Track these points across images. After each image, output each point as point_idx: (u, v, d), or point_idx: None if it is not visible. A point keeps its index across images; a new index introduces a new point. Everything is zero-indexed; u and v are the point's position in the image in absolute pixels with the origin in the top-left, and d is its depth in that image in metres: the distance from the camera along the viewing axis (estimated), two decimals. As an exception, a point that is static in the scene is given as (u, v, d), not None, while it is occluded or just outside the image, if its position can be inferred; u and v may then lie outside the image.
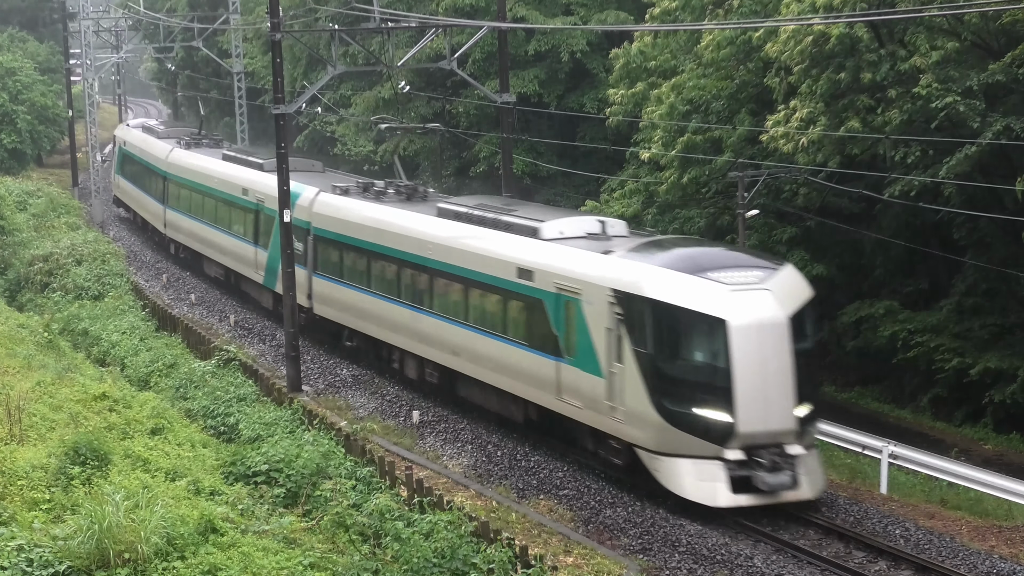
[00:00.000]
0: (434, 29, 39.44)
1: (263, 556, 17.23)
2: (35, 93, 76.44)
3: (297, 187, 36.15)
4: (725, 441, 22.76)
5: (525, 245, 27.28)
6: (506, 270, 27.24)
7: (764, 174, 32.46)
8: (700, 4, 35.92)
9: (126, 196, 61.96)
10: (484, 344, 28.25)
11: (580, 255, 25.72)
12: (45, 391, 25.65)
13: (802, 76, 31.09)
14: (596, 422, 24.95)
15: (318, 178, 40.06)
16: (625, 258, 24.95)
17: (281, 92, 33.02)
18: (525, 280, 26.60)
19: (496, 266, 27.61)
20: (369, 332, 33.84)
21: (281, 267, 33.66)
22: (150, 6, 77.53)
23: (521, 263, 26.86)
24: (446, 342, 29.81)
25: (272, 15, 32.92)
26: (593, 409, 24.80)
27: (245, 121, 62.81)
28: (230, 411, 29.13)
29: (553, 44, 47.45)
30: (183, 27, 68.15)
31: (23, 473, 19.02)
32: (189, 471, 21.54)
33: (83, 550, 15.57)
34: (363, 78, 56.87)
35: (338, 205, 35.61)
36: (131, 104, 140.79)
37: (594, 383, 24.56)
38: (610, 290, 24.00)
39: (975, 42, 30.07)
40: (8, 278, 45.93)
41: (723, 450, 22.78)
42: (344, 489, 22.54)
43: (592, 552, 22.49)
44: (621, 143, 42.73)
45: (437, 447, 29.07)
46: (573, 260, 25.70)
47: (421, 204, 33.55)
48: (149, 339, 36.79)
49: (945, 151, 28.96)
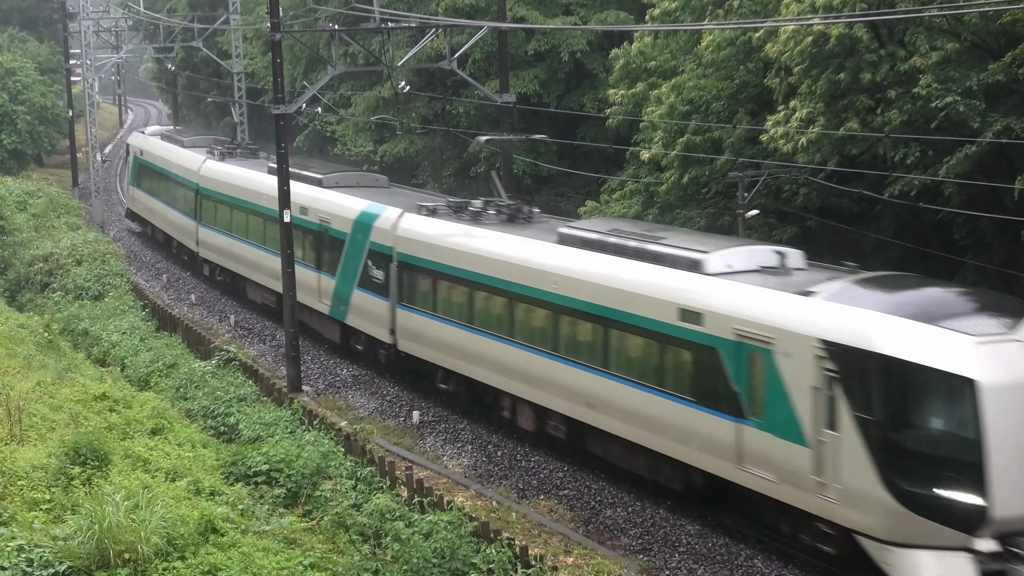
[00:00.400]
0: (434, 29, 39.44)
1: (263, 556, 17.25)
2: (35, 93, 76.49)
3: (373, 207, 34.23)
4: (975, 528, 18.69)
5: (687, 281, 23.28)
6: (663, 311, 23.25)
7: (764, 174, 32.44)
8: (700, 5, 35.91)
9: (145, 210, 57.05)
10: (631, 396, 24.17)
11: (768, 296, 21.76)
12: (45, 391, 25.66)
13: (802, 76, 31.08)
14: (797, 500, 20.86)
15: (392, 196, 36.35)
16: (836, 301, 20.75)
17: (281, 92, 33.02)
18: (690, 324, 22.63)
19: (648, 305, 23.61)
20: (471, 375, 29.52)
21: (282, 267, 33.50)
22: (150, 6, 77.57)
23: (685, 303, 22.85)
24: (577, 391, 25.69)
25: (272, 15, 32.93)
26: (792, 484, 20.75)
27: (245, 121, 62.81)
28: (230, 411, 29.14)
29: (553, 44, 47.45)
30: (183, 27, 68.16)
31: (23, 473, 19.03)
32: (189, 471, 21.55)
33: (83, 550, 15.58)
34: (363, 78, 56.85)
35: (429, 229, 31.48)
36: (131, 104, 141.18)
37: (794, 453, 20.56)
38: (818, 341, 20.09)
39: (975, 42, 30.05)
40: (8, 278, 45.94)
41: (973, 539, 18.72)
42: (344, 489, 22.58)
43: (592, 552, 22.50)
44: (621, 143, 42.72)
45: (437, 447, 29.07)
46: (759, 302, 21.73)
47: (531, 227, 29.63)
48: (149, 339, 36.80)
49: (945, 151, 28.94)
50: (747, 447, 21.59)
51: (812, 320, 20.57)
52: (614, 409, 24.68)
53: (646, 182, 38.76)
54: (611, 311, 24.59)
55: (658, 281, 23.79)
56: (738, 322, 21.65)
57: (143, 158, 56.72)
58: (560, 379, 26.16)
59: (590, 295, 25.22)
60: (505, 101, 36.45)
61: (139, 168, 57.27)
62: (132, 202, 59.37)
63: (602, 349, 24.98)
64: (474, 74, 45.83)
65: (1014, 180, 27.13)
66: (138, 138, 61.59)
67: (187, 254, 50.46)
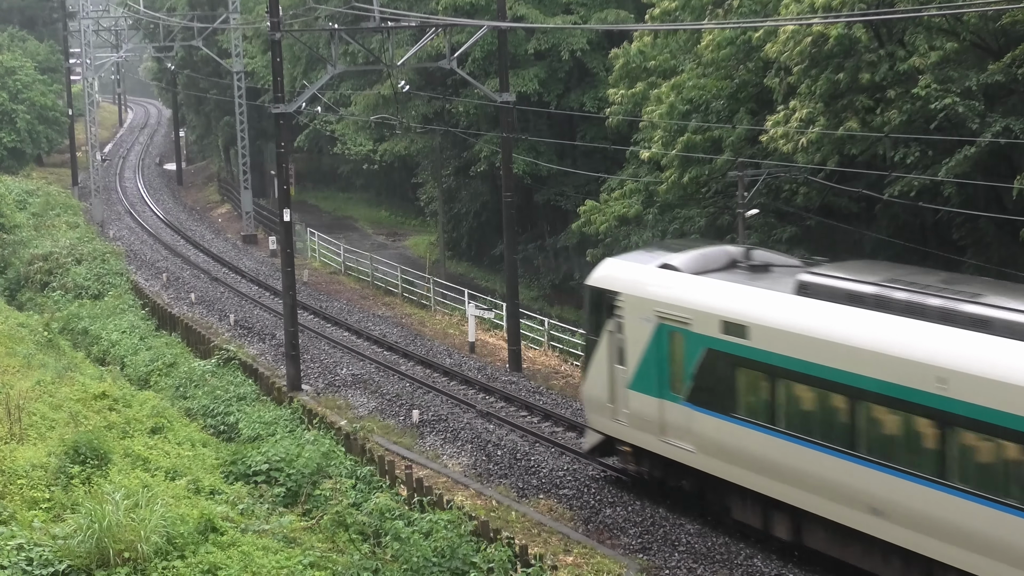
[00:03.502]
0: (434, 28, 39.44)
1: (263, 555, 17.25)
2: (35, 92, 76.54)
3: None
4: None
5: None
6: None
7: (764, 174, 32.44)
8: (700, 4, 35.91)
9: (710, 447, 24.03)
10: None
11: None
12: (45, 390, 25.67)
13: (801, 76, 31.09)
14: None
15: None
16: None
17: (281, 92, 33.03)
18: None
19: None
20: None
21: (282, 268, 33.46)
22: (150, 5, 77.50)
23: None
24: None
25: (272, 14, 32.95)
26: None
27: (245, 121, 62.79)
28: (230, 410, 29.17)
29: (553, 43, 47.44)
30: (183, 26, 68.15)
31: (23, 472, 19.03)
32: (189, 470, 21.57)
33: (83, 549, 15.58)
34: (363, 77, 56.84)
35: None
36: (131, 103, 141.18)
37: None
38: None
39: (974, 42, 30.06)
40: (8, 277, 45.96)
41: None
42: (344, 488, 22.58)
43: (592, 551, 22.50)
44: (621, 143, 42.71)
45: (437, 446, 29.07)
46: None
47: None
48: (149, 338, 36.84)
49: (945, 151, 28.96)
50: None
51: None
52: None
53: (646, 181, 38.75)
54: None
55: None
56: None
57: (694, 330, 23.31)
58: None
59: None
60: (505, 100, 36.45)
61: (692, 356, 23.44)
62: (636, 424, 24.91)
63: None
64: (474, 73, 45.83)
65: (1013, 180, 27.15)
66: (636, 275, 25.41)
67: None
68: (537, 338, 39.41)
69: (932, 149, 29.27)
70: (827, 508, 20.51)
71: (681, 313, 23.08)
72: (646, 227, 39.79)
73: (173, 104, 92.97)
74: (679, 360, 23.22)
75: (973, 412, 17.95)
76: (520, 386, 33.59)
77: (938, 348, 18.85)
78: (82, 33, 66.86)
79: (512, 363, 35.94)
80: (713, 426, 22.40)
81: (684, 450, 23.16)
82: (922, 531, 18.93)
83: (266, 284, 48.65)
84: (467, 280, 51.72)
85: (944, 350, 18.75)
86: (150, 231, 63.47)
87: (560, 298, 49.68)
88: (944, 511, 18.49)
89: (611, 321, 24.77)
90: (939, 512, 18.57)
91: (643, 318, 23.89)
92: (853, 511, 20.01)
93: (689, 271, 23.86)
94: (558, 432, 29.53)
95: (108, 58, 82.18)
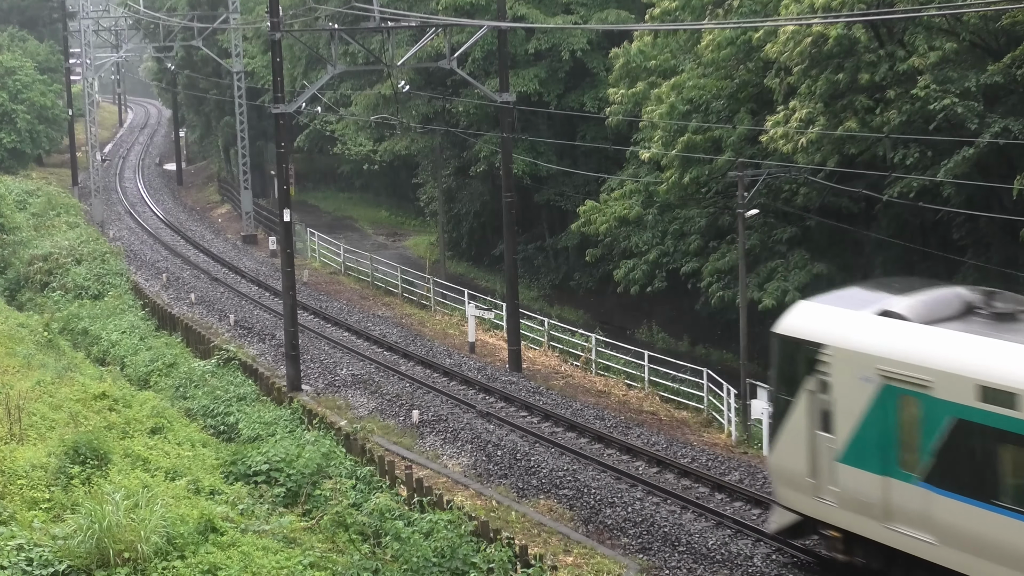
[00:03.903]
0: (434, 28, 39.45)
1: (263, 555, 17.24)
2: (35, 92, 76.54)
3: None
4: None
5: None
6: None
7: (764, 174, 32.47)
8: (700, 4, 35.94)
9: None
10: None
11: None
12: (45, 390, 25.66)
13: (801, 77, 31.12)
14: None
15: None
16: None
17: (281, 92, 33.03)
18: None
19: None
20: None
21: (282, 267, 33.48)
22: (150, 5, 77.52)
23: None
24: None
25: (272, 14, 32.95)
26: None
27: (245, 121, 62.79)
28: (230, 410, 29.16)
29: (553, 43, 47.45)
30: (183, 26, 68.16)
31: (23, 472, 19.02)
32: (189, 470, 21.55)
33: (83, 549, 15.56)
34: (363, 77, 56.86)
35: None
36: (130, 103, 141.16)
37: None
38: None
39: (974, 42, 30.09)
40: (8, 277, 45.95)
41: None
42: (344, 488, 22.56)
43: (592, 552, 22.50)
44: (621, 143, 42.72)
45: (437, 447, 29.07)
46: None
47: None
48: (149, 338, 36.83)
49: (944, 151, 28.98)
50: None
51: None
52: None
53: (646, 182, 38.78)
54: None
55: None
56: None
57: (942, 398, 19.27)
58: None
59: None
60: (505, 100, 36.45)
61: (920, 423, 19.82)
62: (842, 505, 20.88)
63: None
64: (474, 73, 45.83)
65: (1013, 180, 27.16)
66: (858, 330, 21.03)
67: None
68: (537, 338, 39.41)
69: (932, 150, 29.30)
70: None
71: (917, 373, 18.82)
72: (646, 227, 39.84)
73: (173, 104, 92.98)
74: (913, 430, 19.03)
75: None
76: (520, 386, 33.58)
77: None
78: (82, 33, 66.86)
79: (512, 363, 35.94)
80: (963, 514, 18.35)
81: (920, 541, 18.99)
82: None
83: (266, 284, 48.65)
84: (467, 280, 51.73)
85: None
86: (150, 231, 63.49)
87: (560, 298, 49.69)
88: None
89: (812, 379, 20.53)
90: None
91: (860, 377, 19.64)
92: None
93: (919, 320, 19.64)
94: (558, 432, 29.54)
95: (108, 58, 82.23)
